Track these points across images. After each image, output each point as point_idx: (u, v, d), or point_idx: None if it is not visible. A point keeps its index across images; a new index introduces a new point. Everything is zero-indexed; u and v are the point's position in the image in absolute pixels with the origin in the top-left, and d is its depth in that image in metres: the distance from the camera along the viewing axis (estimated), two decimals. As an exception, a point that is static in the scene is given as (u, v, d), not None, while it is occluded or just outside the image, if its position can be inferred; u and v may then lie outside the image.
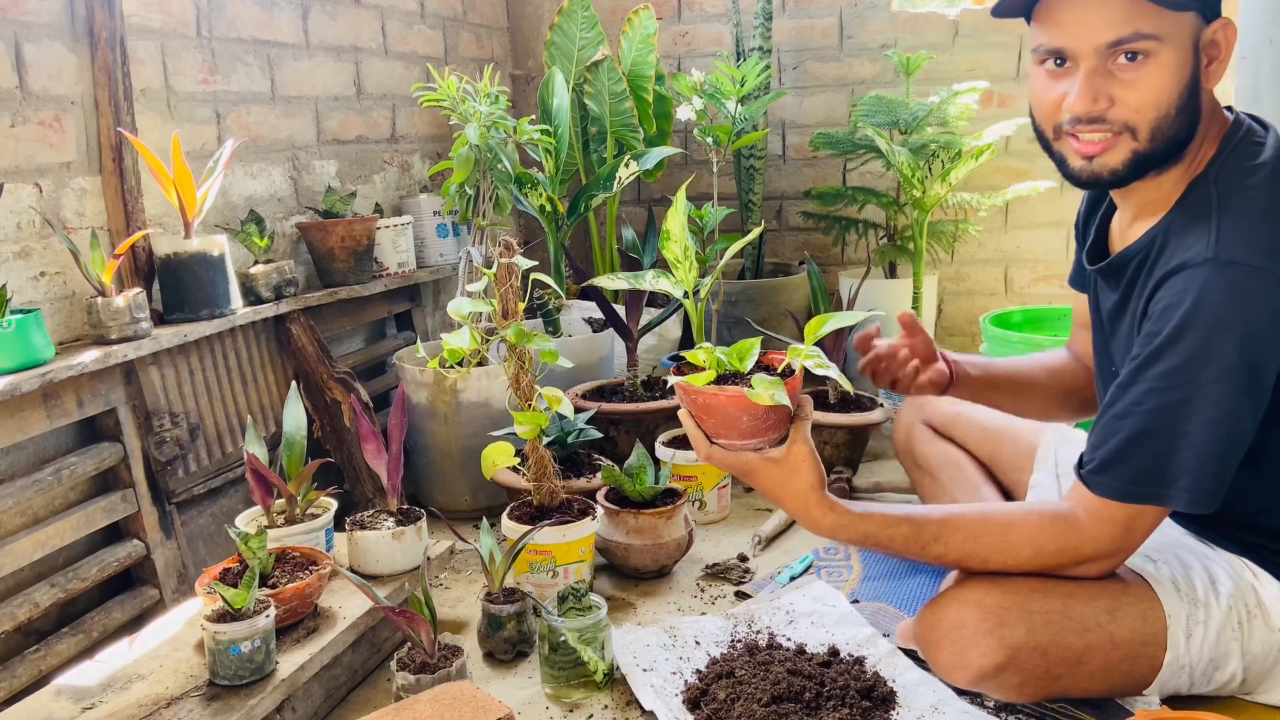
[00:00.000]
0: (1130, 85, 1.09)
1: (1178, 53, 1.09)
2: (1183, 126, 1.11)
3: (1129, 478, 1.11)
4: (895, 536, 1.20)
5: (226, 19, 1.98)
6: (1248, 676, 1.22)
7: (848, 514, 1.20)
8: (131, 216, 1.72)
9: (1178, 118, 1.11)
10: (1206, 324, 1.05)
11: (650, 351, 2.70)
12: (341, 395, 2.03)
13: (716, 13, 3.11)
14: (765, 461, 1.19)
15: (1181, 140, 1.12)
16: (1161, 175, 1.16)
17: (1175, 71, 1.09)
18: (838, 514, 1.20)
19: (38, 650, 1.47)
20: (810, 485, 1.18)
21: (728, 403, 1.18)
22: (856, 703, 1.27)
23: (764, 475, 1.20)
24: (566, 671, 1.40)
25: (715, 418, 1.20)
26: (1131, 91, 1.09)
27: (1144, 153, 1.12)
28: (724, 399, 1.18)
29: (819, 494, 1.19)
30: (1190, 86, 1.11)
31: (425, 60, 2.68)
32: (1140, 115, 1.10)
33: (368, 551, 1.57)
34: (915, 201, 2.51)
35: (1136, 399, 1.10)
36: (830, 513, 1.19)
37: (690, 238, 1.94)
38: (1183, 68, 1.09)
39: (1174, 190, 1.16)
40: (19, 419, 1.47)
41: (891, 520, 1.20)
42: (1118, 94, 1.10)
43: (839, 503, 1.20)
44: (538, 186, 2.45)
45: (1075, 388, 1.51)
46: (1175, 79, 1.09)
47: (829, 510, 1.19)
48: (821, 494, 1.19)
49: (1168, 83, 1.09)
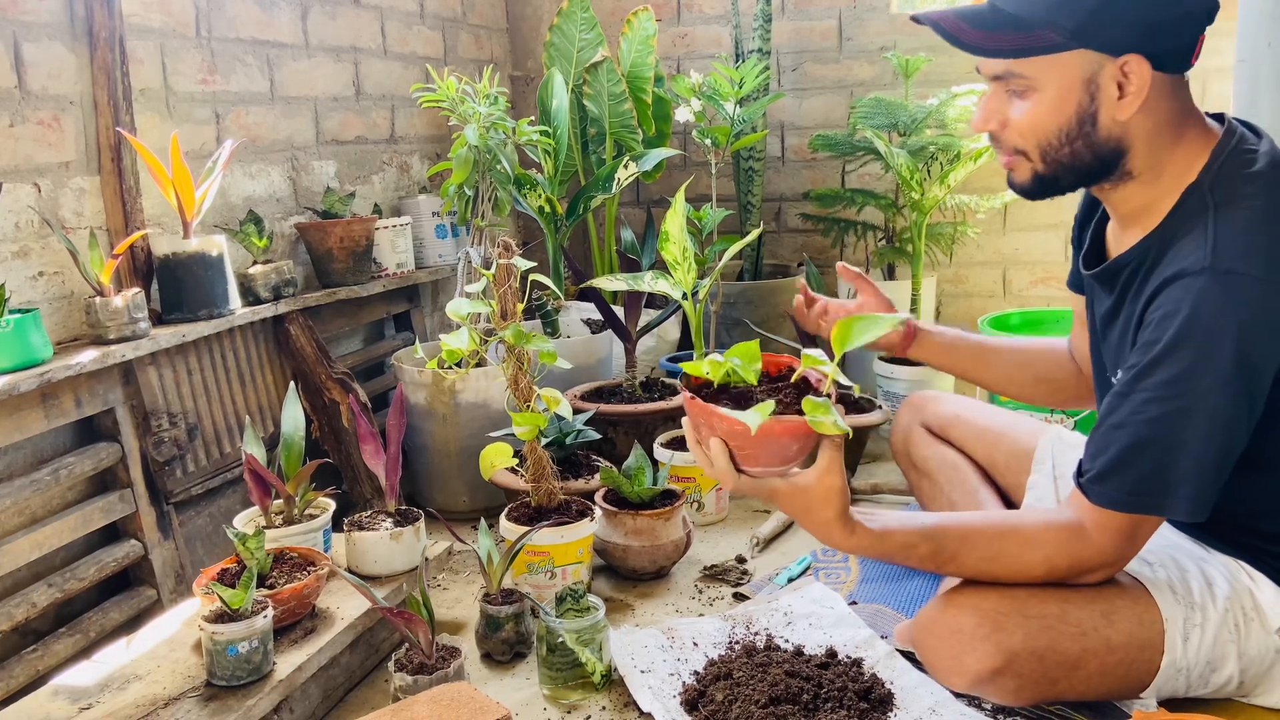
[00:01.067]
0: (1017, 113, 1.16)
1: (1057, 90, 1.13)
2: (1081, 153, 1.16)
3: (1128, 487, 1.11)
4: (912, 556, 1.20)
5: (226, 19, 1.98)
6: (1244, 679, 1.22)
7: (869, 535, 1.19)
8: (130, 216, 1.72)
9: (1067, 146, 1.15)
10: (1204, 333, 1.05)
11: (649, 353, 2.70)
12: (340, 396, 2.03)
13: (716, 14, 3.12)
14: (793, 489, 1.15)
15: (1090, 167, 1.16)
16: (1122, 187, 1.19)
17: (1055, 106, 1.14)
18: (859, 536, 1.19)
19: (35, 650, 1.47)
20: (837, 514, 1.16)
21: (783, 432, 1.09)
22: (854, 704, 1.27)
23: (789, 501, 1.16)
24: (564, 673, 1.40)
25: (760, 447, 1.11)
26: (1017, 119, 1.16)
27: (1044, 175, 1.19)
28: (780, 428, 1.08)
29: (843, 519, 1.17)
30: (1080, 119, 1.14)
31: (424, 61, 2.68)
32: (1025, 141, 1.17)
33: (366, 552, 1.57)
34: (914, 203, 2.51)
35: (1135, 408, 1.10)
36: (852, 536, 1.18)
37: (689, 239, 1.94)
38: (1064, 103, 1.13)
39: (1166, 198, 1.17)
40: (17, 419, 1.47)
41: (911, 540, 1.19)
42: (1010, 119, 1.17)
43: (860, 523, 1.19)
44: (536, 187, 2.45)
45: (1053, 376, 1.55)
46: (1055, 112, 1.14)
47: (851, 534, 1.18)
48: (845, 519, 1.17)
49: (1045, 116, 1.14)
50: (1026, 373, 1.58)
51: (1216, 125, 1.18)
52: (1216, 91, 2.63)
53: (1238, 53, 1.88)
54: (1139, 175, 1.17)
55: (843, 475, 1.15)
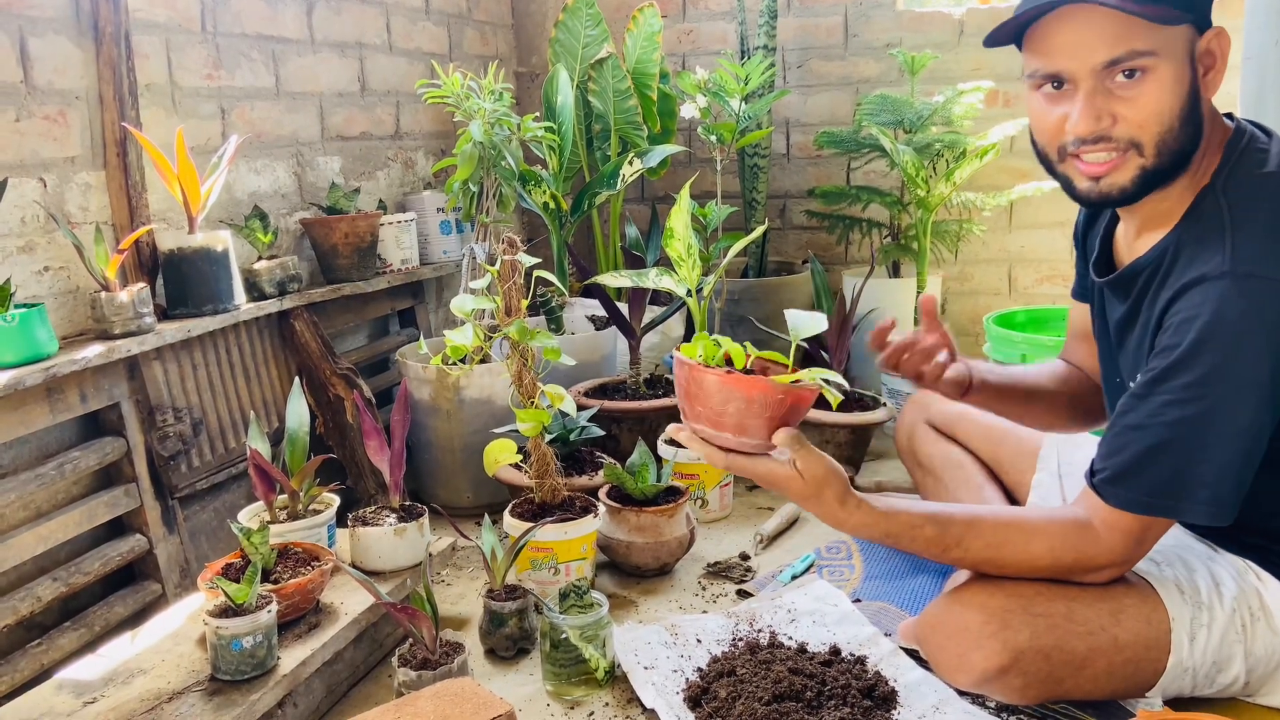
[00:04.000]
0: (1131, 102, 1.09)
1: (1174, 66, 1.08)
2: (1188, 138, 1.11)
3: (1146, 490, 1.10)
4: (918, 538, 1.20)
5: (231, 14, 1.98)
6: (1251, 679, 1.22)
7: (873, 513, 1.19)
8: (136, 211, 1.72)
9: (1181, 130, 1.10)
10: (1226, 337, 1.04)
11: (653, 349, 2.70)
12: (344, 391, 2.03)
13: (721, 11, 3.11)
14: (789, 474, 1.16)
15: (1187, 152, 1.12)
16: (1167, 188, 1.15)
17: (1174, 84, 1.08)
18: (863, 514, 1.19)
19: (39, 644, 1.47)
20: (837, 495, 1.17)
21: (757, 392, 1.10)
22: (858, 702, 1.27)
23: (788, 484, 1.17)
24: (568, 669, 1.40)
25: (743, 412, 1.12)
26: (1133, 108, 1.09)
27: (1151, 168, 1.11)
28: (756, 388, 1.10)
29: (845, 498, 1.18)
30: (1190, 98, 1.10)
31: (430, 57, 2.68)
32: (1144, 130, 1.09)
33: (370, 548, 1.57)
34: (919, 201, 2.51)
35: (1154, 410, 1.09)
36: (856, 511, 1.19)
37: (694, 236, 1.94)
38: (1181, 80, 1.09)
39: (1180, 202, 1.16)
40: (22, 413, 1.47)
41: (916, 521, 1.19)
42: (1120, 111, 1.09)
43: (865, 501, 1.19)
44: (541, 184, 2.45)
45: (1080, 394, 1.50)
46: (1175, 92, 1.08)
47: (855, 509, 1.18)
48: (847, 497, 1.18)
49: (1168, 96, 1.08)
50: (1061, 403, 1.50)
51: (1227, 123, 1.18)
52: (1222, 89, 2.62)
53: (1244, 49, 1.87)
54: (1189, 170, 1.14)
55: (826, 462, 1.16)
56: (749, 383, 1.11)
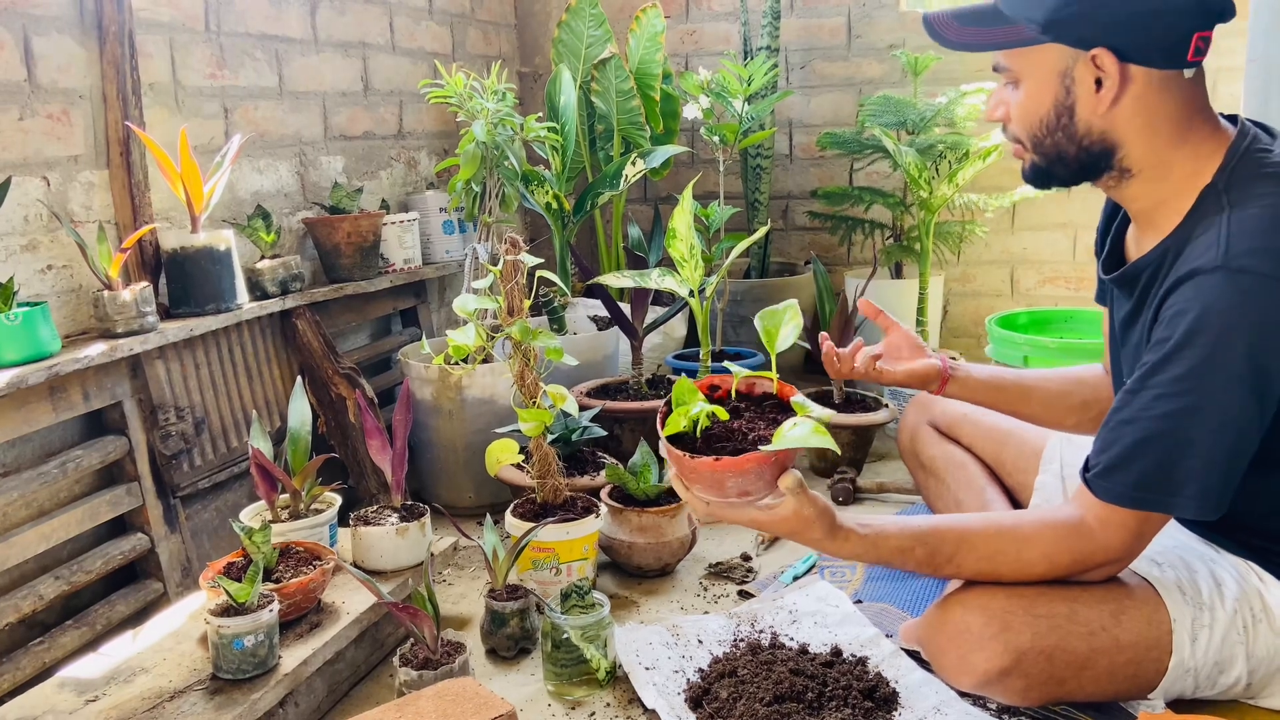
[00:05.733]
0: (1012, 104, 1.21)
1: (1035, 82, 1.17)
2: (1064, 145, 1.18)
3: (1134, 483, 1.10)
4: (910, 560, 1.21)
5: (235, 13, 1.99)
6: (1253, 680, 1.21)
7: (862, 542, 1.20)
8: (139, 210, 1.73)
9: (1049, 137, 1.19)
10: (1217, 330, 1.05)
11: (655, 350, 2.70)
12: (346, 391, 2.03)
13: (724, 11, 3.11)
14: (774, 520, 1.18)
15: (1074, 157, 1.19)
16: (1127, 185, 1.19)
17: (1034, 97, 1.18)
18: (853, 544, 1.21)
19: (41, 642, 1.48)
20: (824, 533, 1.19)
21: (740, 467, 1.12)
22: (859, 703, 1.27)
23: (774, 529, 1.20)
24: (569, 669, 1.40)
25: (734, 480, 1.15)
26: (1012, 109, 1.21)
27: (1039, 165, 1.22)
28: (738, 464, 1.12)
29: (831, 534, 1.19)
30: (1058, 110, 1.17)
31: (433, 56, 2.68)
32: (1018, 130, 1.22)
33: (371, 547, 1.57)
34: (922, 202, 2.51)
35: (1145, 404, 1.09)
36: (846, 543, 1.20)
37: (696, 236, 1.94)
38: (1042, 95, 1.17)
39: (1181, 200, 1.16)
40: (25, 411, 1.48)
41: (905, 544, 1.20)
42: (1008, 110, 1.22)
43: (853, 531, 1.20)
44: (544, 184, 2.45)
45: (1096, 399, 1.49)
46: (1037, 104, 1.18)
47: (844, 542, 1.20)
48: (833, 532, 1.19)
49: (1027, 107, 1.19)
50: (1068, 401, 1.52)
51: (1230, 126, 1.18)
52: (1226, 91, 2.62)
53: (1249, 52, 1.86)
54: (1140, 172, 1.17)
55: (815, 504, 1.18)
56: (739, 462, 1.12)
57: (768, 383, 1.27)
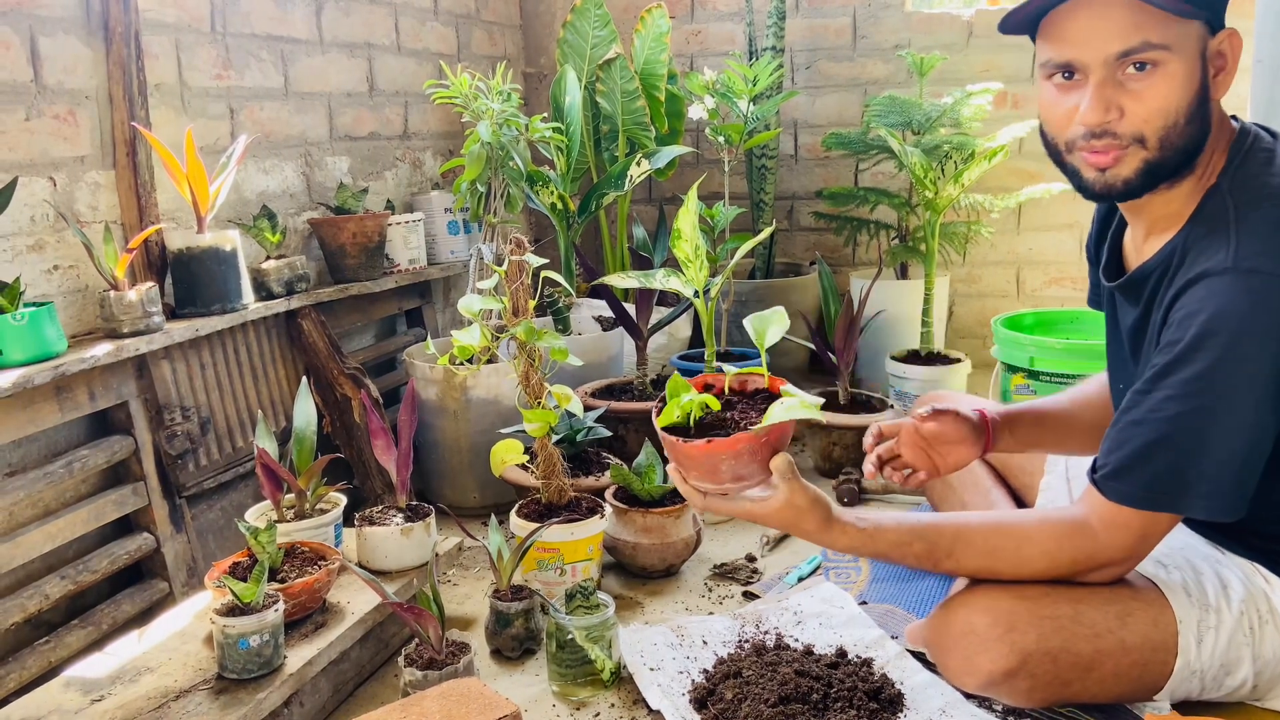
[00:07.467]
0: (1139, 95, 1.09)
1: (1185, 62, 1.08)
2: (1192, 136, 1.11)
3: (1144, 484, 1.10)
4: (908, 554, 1.21)
5: (241, 14, 1.99)
6: (1259, 682, 1.21)
7: (859, 534, 1.21)
8: (145, 211, 1.73)
9: (1187, 127, 1.10)
10: (1228, 332, 1.04)
11: (660, 350, 2.70)
12: (352, 391, 2.04)
13: (729, 11, 3.11)
14: (767, 512, 1.20)
15: (1191, 150, 1.12)
16: (1173, 188, 1.15)
17: (1183, 81, 1.09)
18: (849, 536, 1.21)
19: (47, 642, 1.48)
20: (818, 524, 1.20)
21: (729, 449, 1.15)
22: (864, 704, 1.27)
23: (769, 521, 1.21)
24: (573, 669, 1.40)
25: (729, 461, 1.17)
26: (1140, 101, 1.09)
27: (1154, 161, 1.11)
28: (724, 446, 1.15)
29: (827, 525, 1.20)
30: (1199, 96, 1.10)
31: (438, 57, 2.69)
32: (1149, 125, 1.10)
33: (376, 547, 1.57)
34: (927, 203, 2.50)
35: (1155, 405, 1.09)
36: (842, 535, 1.21)
37: (701, 237, 1.94)
38: (1191, 77, 1.09)
39: (1188, 203, 1.16)
40: (31, 411, 1.48)
41: (904, 539, 1.21)
42: (1127, 104, 1.09)
43: (850, 524, 1.21)
44: (549, 184, 2.45)
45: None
46: (1183, 88, 1.09)
47: (840, 534, 1.21)
48: (829, 524, 1.20)
49: (1176, 92, 1.09)
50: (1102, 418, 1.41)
51: (1234, 123, 1.17)
52: (1231, 91, 2.61)
53: (1255, 53, 1.86)
54: (1195, 170, 1.14)
55: (807, 493, 1.19)
56: (731, 443, 1.15)
57: (761, 380, 1.29)
